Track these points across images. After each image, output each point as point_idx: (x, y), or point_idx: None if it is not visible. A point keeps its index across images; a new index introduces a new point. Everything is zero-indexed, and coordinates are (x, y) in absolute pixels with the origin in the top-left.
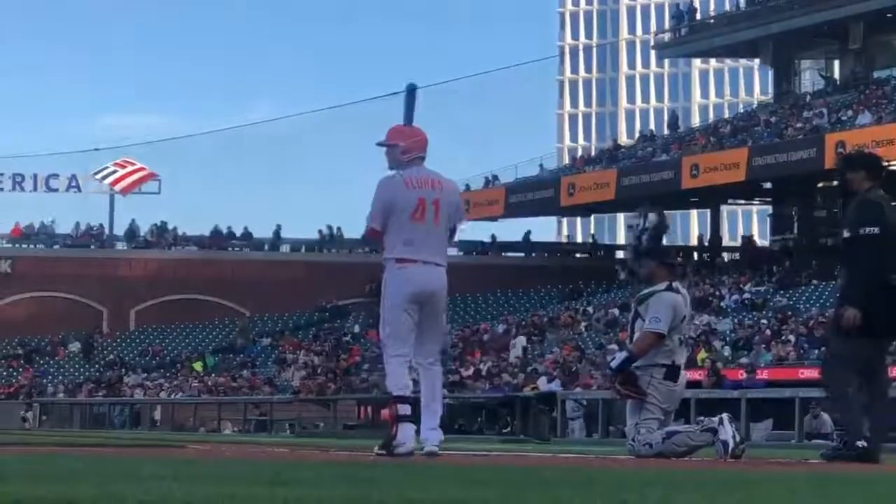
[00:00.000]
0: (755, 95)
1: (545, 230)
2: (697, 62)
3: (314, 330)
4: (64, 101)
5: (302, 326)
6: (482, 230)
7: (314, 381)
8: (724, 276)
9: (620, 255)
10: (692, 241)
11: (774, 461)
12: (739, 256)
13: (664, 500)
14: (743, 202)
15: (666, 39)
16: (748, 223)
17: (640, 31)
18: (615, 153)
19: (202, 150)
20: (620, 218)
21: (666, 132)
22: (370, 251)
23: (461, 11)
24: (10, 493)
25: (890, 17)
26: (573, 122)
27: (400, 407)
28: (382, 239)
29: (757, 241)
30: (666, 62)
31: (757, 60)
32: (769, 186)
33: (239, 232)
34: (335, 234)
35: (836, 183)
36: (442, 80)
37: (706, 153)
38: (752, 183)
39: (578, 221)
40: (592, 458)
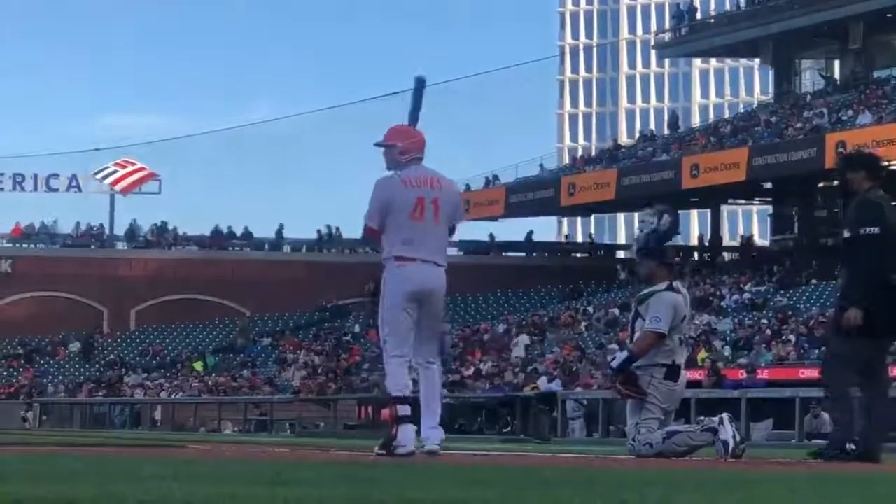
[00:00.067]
0: (755, 95)
1: (545, 230)
2: (698, 62)
3: (314, 330)
4: (64, 101)
5: (302, 326)
6: (482, 230)
7: (314, 380)
8: (724, 276)
9: (621, 254)
10: (692, 241)
11: (775, 461)
12: (740, 256)
13: (664, 499)
14: (743, 202)
15: (666, 39)
16: (748, 223)
17: (640, 30)
18: (615, 153)
19: (202, 149)
20: (621, 218)
21: (666, 132)
22: (370, 251)
23: (461, 11)
24: (10, 492)
25: (890, 16)
26: (573, 121)
27: (400, 408)
28: (380, 238)
29: (757, 240)
30: (666, 62)
31: (757, 60)
32: (769, 186)
33: (239, 232)
34: (334, 234)
35: (836, 183)
36: (442, 80)
37: (706, 153)
38: (752, 183)
39: (579, 221)
40: (593, 457)
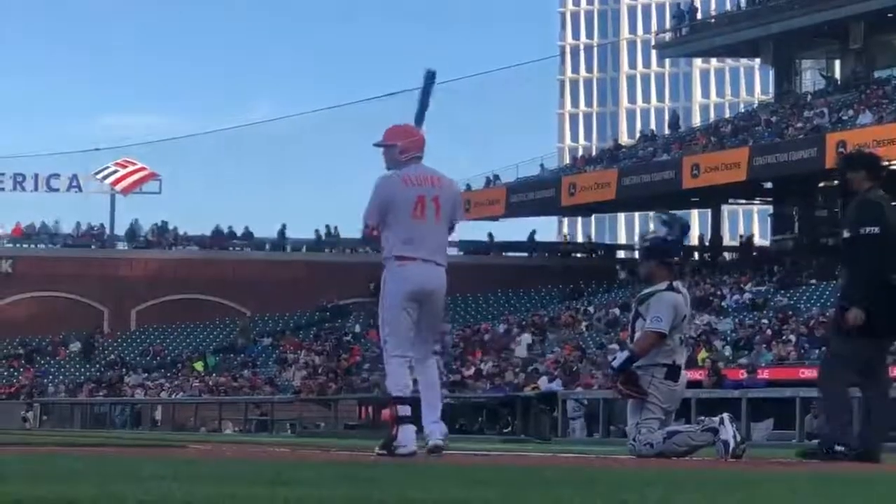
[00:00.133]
0: (756, 95)
1: (546, 230)
2: (698, 62)
3: (315, 330)
4: (64, 101)
5: (303, 326)
6: (483, 230)
7: (315, 380)
8: (724, 275)
9: (621, 254)
10: (693, 240)
11: (775, 461)
12: (740, 256)
13: (665, 499)
14: (744, 202)
15: (667, 39)
16: (749, 223)
17: (640, 30)
18: (616, 153)
19: (203, 149)
20: (621, 218)
21: (667, 132)
22: (371, 251)
23: (462, 11)
24: (10, 492)
25: (890, 16)
26: (574, 121)
27: (400, 408)
28: (379, 236)
29: (758, 240)
30: (667, 62)
31: (758, 60)
32: (770, 186)
33: (239, 232)
34: (332, 233)
35: (836, 183)
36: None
37: (707, 153)
38: (752, 183)
39: (579, 221)
40: (593, 457)
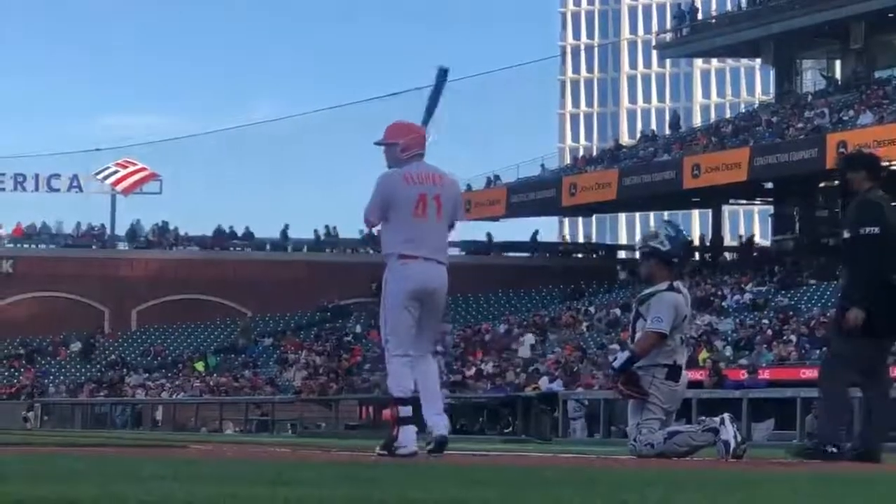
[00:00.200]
0: (756, 95)
1: (547, 230)
2: (699, 62)
3: (316, 330)
4: (64, 101)
5: (304, 326)
6: (483, 230)
7: (316, 381)
8: (725, 276)
9: (622, 255)
10: (694, 241)
11: (776, 461)
12: (741, 256)
13: (665, 500)
14: (744, 202)
15: (667, 39)
16: (749, 223)
17: (641, 30)
18: (617, 153)
19: (204, 150)
20: (622, 218)
21: (667, 132)
22: (372, 251)
23: (462, 11)
24: (11, 493)
25: (891, 16)
26: (575, 122)
27: (401, 409)
28: (380, 232)
29: (758, 241)
30: (667, 62)
31: (758, 60)
32: (770, 186)
33: (240, 232)
34: (332, 233)
35: (836, 183)
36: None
37: (707, 153)
38: (753, 183)
39: (580, 221)
40: (594, 458)
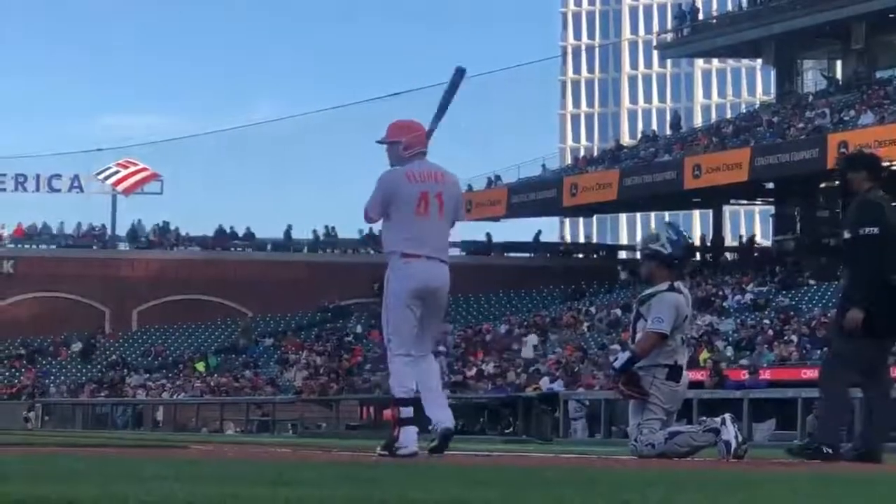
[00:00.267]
0: (757, 95)
1: (548, 230)
2: (700, 62)
3: (316, 330)
4: (65, 101)
5: (304, 327)
6: (484, 231)
7: (316, 381)
8: (726, 276)
9: (622, 255)
10: (695, 241)
11: (777, 461)
12: (742, 257)
13: (666, 500)
14: (745, 202)
15: (668, 39)
16: (750, 223)
17: (642, 31)
18: (617, 153)
19: (205, 150)
20: (623, 218)
21: (668, 132)
22: (373, 251)
23: (463, 12)
24: (11, 493)
25: (892, 17)
26: (576, 122)
27: (402, 410)
28: (380, 232)
29: (759, 241)
30: (668, 62)
31: (759, 60)
32: (771, 187)
33: (241, 232)
34: (331, 233)
35: (837, 183)
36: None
37: (708, 153)
38: (754, 183)
39: (581, 222)
40: (595, 458)
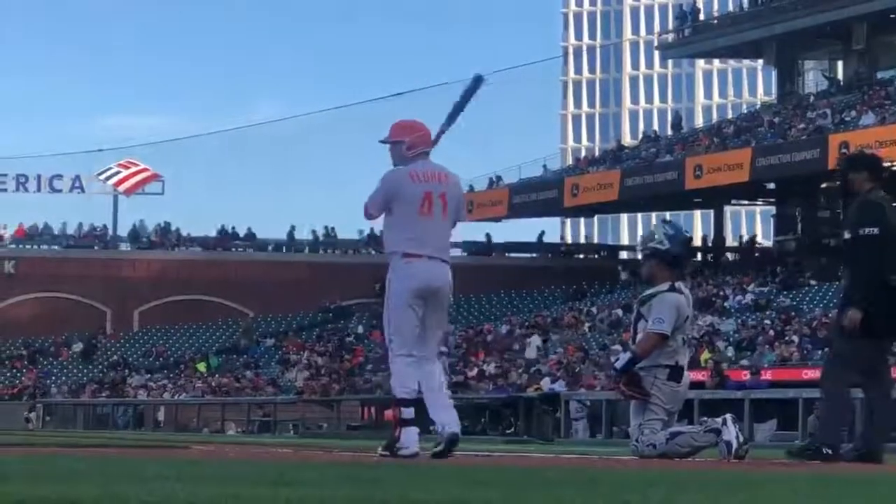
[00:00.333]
0: (758, 96)
1: (549, 231)
2: (701, 63)
3: (318, 330)
4: (65, 101)
5: (305, 327)
6: (485, 231)
7: (318, 381)
8: (727, 276)
9: (624, 255)
10: (696, 241)
11: (778, 462)
12: (743, 257)
13: (667, 500)
14: (746, 203)
15: (669, 40)
16: (751, 224)
17: (643, 31)
18: (619, 154)
19: (206, 150)
20: (624, 218)
21: (669, 133)
22: (374, 251)
23: (464, 12)
24: (12, 493)
25: (893, 17)
26: (577, 122)
27: (404, 410)
28: (382, 232)
29: (760, 241)
30: (669, 63)
31: (760, 61)
32: (772, 187)
33: (242, 233)
34: (330, 234)
35: (837, 183)
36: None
37: (709, 154)
38: (755, 183)
39: (582, 222)
40: (596, 458)
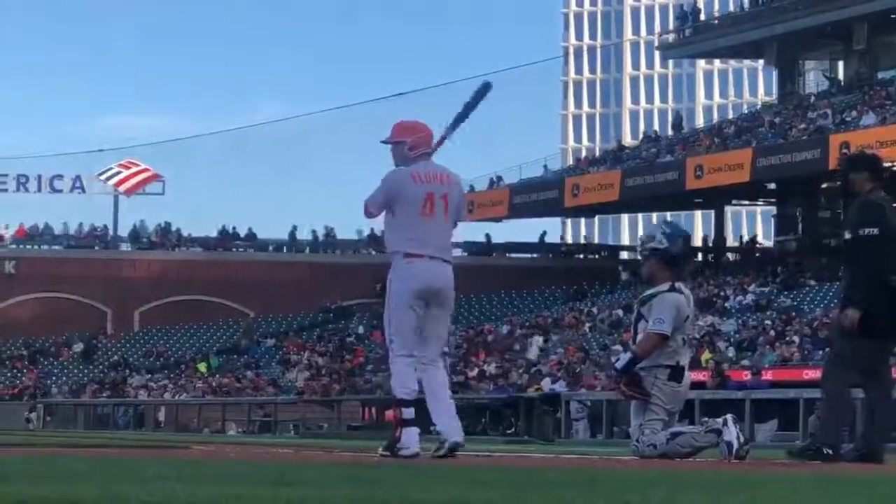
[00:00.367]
0: (759, 96)
1: (549, 231)
2: (701, 63)
3: (318, 331)
4: (66, 101)
5: (306, 327)
6: (485, 231)
7: (318, 381)
8: (728, 276)
9: (624, 255)
10: (696, 241)
11: (779, 462)
12: (743, 257)
13: (668, 500)
14: (747, 203)
15: (670, 40)
16: (752, 224)
17: (644, 31)
18: (619, 154)
19: (207, 150)
20: (625, 219)
21: (670, 133)
22: (374, 251)
23: (465, 12)
24: (13, 493)
25: (894, 17)
26: (577, 122)
27: (404, 411)
28: (383, 232)
29: (761, 241)
30: (670, 63)
31: (761, 61)
32: (773, 187)
33: (243, 233)
34: (330, 234)
35: (838, 184)
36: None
37: (710, 154)
38: (756, 184)
39: (583, 222)
40: (596, 458)
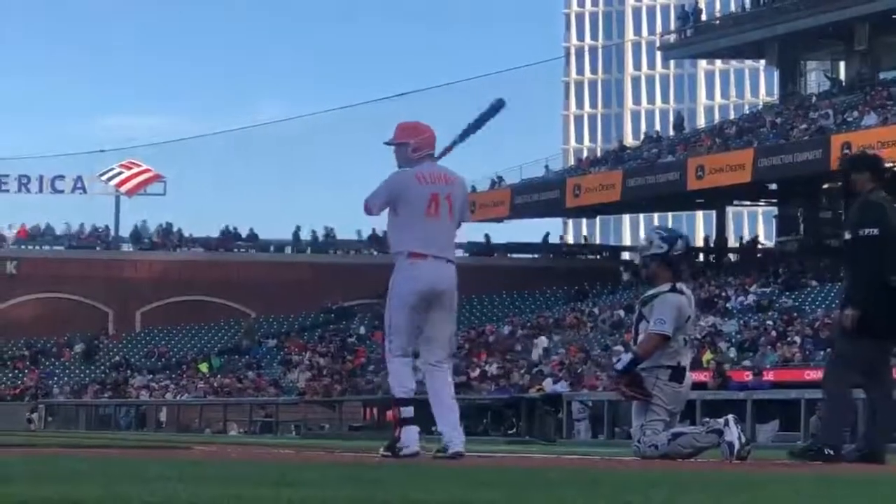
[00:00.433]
0: (760, 97)
1: (550, 231)
2: (703, 63)
3: (320, 331)
4: (67, 101)
5: (307, 328)
6: (488, 232)
7: (320, 382)
8: (729, 277)
9: (626, 256)
10: (698, 242)
11: (780, 462)
12: (745, 258)
13: (669, 501)
14: (748, 203)
15: (671, 41)
16: (754, 224)
17: (645, 32)
18: (621, 154)
19: (208, 151)
20: (626, 219)
21: (671, 133)
22: (376, 252)
23: (466, 12)
24: (15, 493)
25: (895, 18)
26: (579, 123)
27: (403, 410)
28: (385, 233)
29: (762, 242)
30: (671, 63)
31: (762, 62)
32: (775, 187)
33: (244, 233)
34: (330, 234)
35: (840, 184)
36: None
37: (711, 154)
38: (757, 184)
39: (584, 223)
40: (598, 459)
